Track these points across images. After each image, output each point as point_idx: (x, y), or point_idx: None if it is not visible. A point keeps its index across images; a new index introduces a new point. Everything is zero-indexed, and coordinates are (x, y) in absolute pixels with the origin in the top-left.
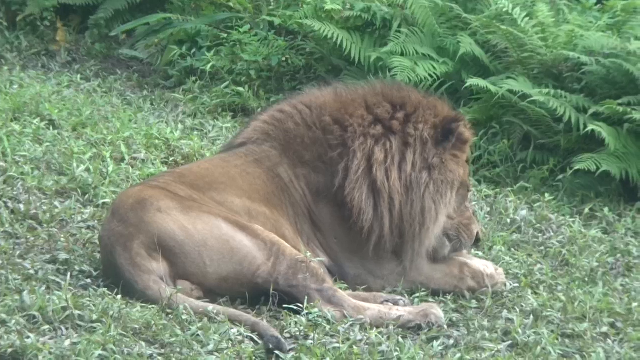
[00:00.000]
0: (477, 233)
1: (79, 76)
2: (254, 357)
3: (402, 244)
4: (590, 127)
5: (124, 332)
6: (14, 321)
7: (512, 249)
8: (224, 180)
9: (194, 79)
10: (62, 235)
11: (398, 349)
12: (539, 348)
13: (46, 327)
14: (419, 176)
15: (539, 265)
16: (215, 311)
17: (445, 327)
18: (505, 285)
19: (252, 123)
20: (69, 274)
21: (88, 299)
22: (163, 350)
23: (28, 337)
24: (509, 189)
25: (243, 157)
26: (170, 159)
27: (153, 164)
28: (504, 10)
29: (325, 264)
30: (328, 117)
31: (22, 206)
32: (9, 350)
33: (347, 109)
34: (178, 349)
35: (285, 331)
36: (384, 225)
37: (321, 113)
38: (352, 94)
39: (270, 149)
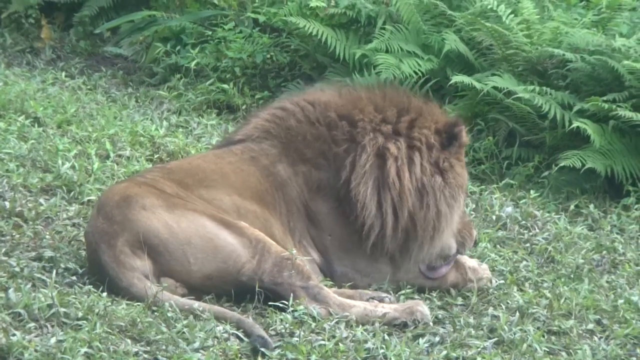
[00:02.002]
0: (476, 236)
1: (63, 73)
2: (239, 355)
3: (408, 246)
4: (575, 124)
5: (109, 330)
6: None
7: (498, 246)
8: (216, 178)
9: (178, 76)
10: (48, 233)
11: (384, 346)
12: (524, 345)
13: (32, 324)
14: (432, 180)
15: (524, 262)
16: (200, 308)
17: (431, 324)
18: (490, 281)
19: (252, 120)
20: (54, 271)
21: (74, 296)
22: (149, 348)
23: (14, 335)
24: (494, 185)
25: (238, 154)
26: (155, 156)
27: (138, 161)
28: (489, 7)
29: (316, 261)
30: (333, 113)
31: (7, 203)
32: None
33: (356, 105)
34: (164, 347)
35: (271, 328)
36: (387, 224)
37: (325, 109)
38: (357, 93)
39: (270, 147)
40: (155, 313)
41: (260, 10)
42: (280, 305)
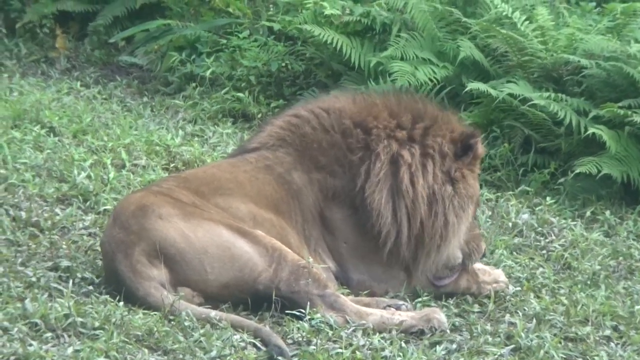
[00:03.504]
0: (484, 249)
1: (78, 83)
2: None
3: (417, 254)
4: (590, 131)
5: (126, 339)
6: (16, 329)
7: (514, 253)
8: (231, 186)
9: (193, 85)
10: (64, 243)
11: (401, 354)
12: (541, 352)
13: (49, 334)
14: (442, 189)
15: (541, 269)
16: (217, 317)
17: (448, 331)
18: (507, 286)
19: (267, 128)
20: (70, 281)
21: (90, 306)
22: (166, 357)
23: (31, 345)
24: (510, 192)
25: (253, 163)
26: (171, 165)
27: (154, 170)
28: (504, 14)
29: (331, 270)
30: (348, 120)
31: (23, 213)
32: (12, 358)
33: (370, 112)
34: (181, 356)
35: (288, 337)
36: (402, 231)
37: (340, 117)
38: (372, 100)
39: (285, 155)
40: (172, 322)
41: (275, 19)
42: (297, 313)
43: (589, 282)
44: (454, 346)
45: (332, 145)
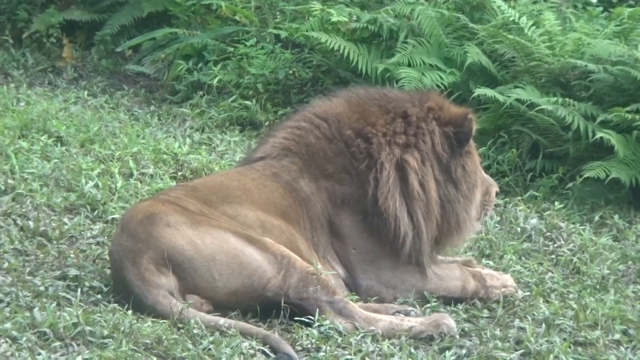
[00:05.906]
0: (495, 192)
1: (85, 92)
2: None
3: (435, 255)
4: (598, 135)
5: (135, 347)
6: (25, 338)
7: (523, 258)
8: (239, 194)
9: (201, 93)
10: (72, 252)
11: (410, 359)
12: (551, 356)
13: (57, 343)
14: (446, 192)
15: (550, 274)
16: (226, 325)
17: (457, 337)
18: (516, 291)
19: (269, 140)
20: (79, 290)
21: (99, 314)
22: None
23: (39, 354)
24: (519, 198)
25: (261, 171)
26: (179, 173)
27: (161, 178)
28: (511, 19)
29: (340, 276)
30: (349, 130)
31: (31, 223)
32: None
33: (367, 120)
34: None
35: (297, 344)
36: (422, 231)
37: (340, 126)
38: (366, 106)
39: (291, 163)
40: (181, 330)
41: (281, 26)
42: (306, 320)
43: (598, 287)
44: (464, 351)
45: (338, 153)
